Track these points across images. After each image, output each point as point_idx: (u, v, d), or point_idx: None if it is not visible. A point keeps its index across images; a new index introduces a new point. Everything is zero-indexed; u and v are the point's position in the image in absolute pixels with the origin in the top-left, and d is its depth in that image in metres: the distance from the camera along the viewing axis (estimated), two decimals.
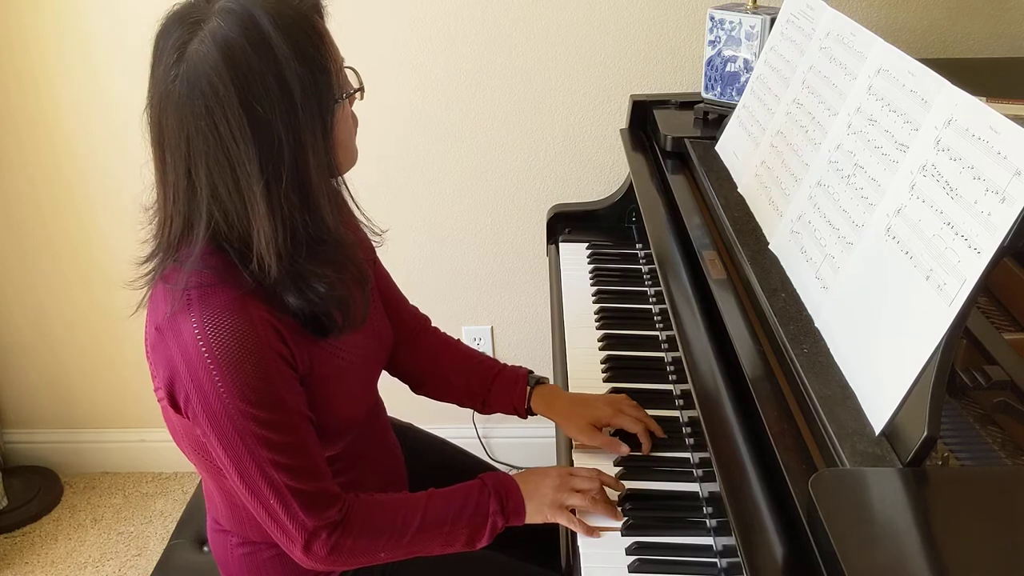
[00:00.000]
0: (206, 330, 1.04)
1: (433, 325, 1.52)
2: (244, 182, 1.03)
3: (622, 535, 1.23)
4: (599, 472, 1.29)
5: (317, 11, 1.09)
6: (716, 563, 1.16)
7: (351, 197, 1.22)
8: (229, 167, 1.02)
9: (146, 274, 1.13)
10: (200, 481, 1.68)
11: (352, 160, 1.18)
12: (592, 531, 1.23)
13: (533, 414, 1.44)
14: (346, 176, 1.20)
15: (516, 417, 1.46)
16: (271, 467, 1.09)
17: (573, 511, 1.25)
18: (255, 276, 1.08)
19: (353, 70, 1.14)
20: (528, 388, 1.43)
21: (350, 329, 1.17)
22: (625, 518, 1.25)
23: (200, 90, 1.00)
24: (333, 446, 1.23)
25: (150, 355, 1.14)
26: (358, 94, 1.14)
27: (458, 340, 1.51)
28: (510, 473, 1.30)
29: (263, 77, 1.00)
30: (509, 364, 1.47)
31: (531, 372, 1.46)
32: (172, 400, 1.10)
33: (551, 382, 1.48)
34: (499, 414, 1.47)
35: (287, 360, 1.10)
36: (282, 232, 1.05)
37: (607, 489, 1.28)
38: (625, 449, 1.35)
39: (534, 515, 1.25)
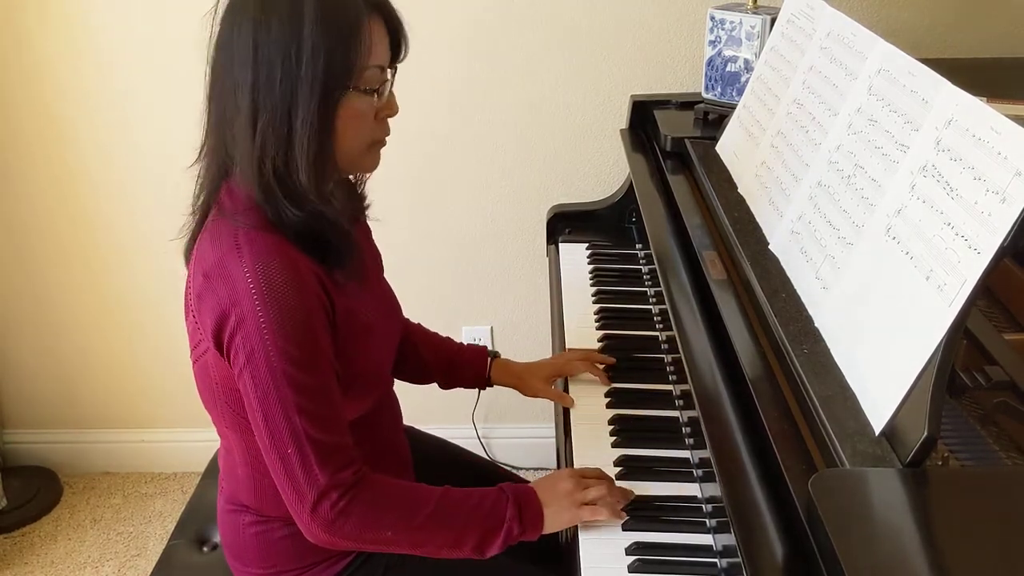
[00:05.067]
0: (256, 269, 1.11)
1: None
2: (239, 100, 1.12)
3: (622, 530, 1.24)
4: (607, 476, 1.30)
5: (378, 8, 1.16)
6: (716, 563, 1.16)
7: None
8: (232, 88, 1.12)
9: (192, 227, 1.22)
10: (199, 481, 1.68)
11: (354, 164, 1.22)
12: (619, 513, 1.24)
13: (491, 385, 1.60)
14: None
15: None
16: (295, 411, 1.12)
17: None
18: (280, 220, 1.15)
19: (389, 79, 1.19)
20: (488, 360, 1.59)
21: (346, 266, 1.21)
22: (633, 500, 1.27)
23: (232, 15, 1.13)
24: (352, 409, 1.24)
25: (194, 307, 1.18)
26: (375, 96, 1.17)
27: (419, 324, 1.62)
28: (514, 477, 1.30)
29: (281, 24, 1.10)
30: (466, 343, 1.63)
31: (487, 347, 1.62)
32: (218, 342, 1.14)
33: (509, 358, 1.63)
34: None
35: (324, 305, 1.16)
36: (258, 158, 1.12)
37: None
38: (569, 401, 1.51)
39: (554, 520, 1.23)
